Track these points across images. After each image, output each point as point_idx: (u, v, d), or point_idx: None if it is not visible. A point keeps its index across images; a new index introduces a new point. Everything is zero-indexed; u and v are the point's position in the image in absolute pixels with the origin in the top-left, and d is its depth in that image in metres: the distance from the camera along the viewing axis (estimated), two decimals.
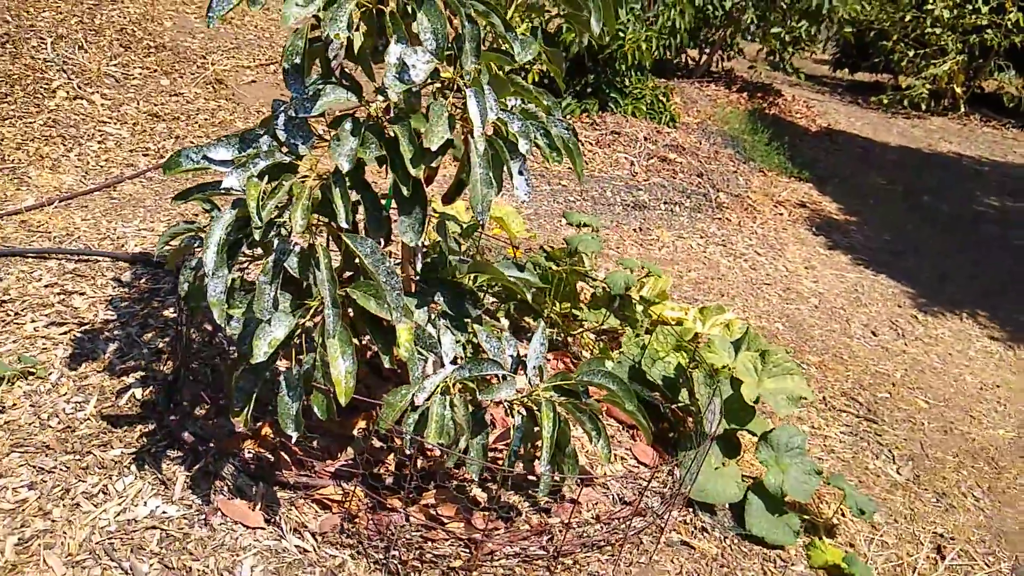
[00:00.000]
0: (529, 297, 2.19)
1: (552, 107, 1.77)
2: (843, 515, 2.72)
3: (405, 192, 1.55)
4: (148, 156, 4.14)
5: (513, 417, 1.83)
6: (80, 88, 4.64)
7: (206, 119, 4.76)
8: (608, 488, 2.17)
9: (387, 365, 1.70)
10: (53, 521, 1.77)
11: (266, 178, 1.52)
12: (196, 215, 3.47)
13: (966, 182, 8.44)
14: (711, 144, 6.97)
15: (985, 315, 4.98)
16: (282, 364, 2.17)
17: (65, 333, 2.47)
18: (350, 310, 1.71)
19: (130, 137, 4.29)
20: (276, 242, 1.54)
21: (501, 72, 1.71)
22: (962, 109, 12.42)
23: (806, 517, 2.63)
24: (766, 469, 2.48)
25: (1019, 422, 3.76)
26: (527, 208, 4.74)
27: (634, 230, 4.99)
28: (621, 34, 6.37)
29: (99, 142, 4.15)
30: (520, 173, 1.60)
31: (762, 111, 9.49)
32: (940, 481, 3.12)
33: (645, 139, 6.35)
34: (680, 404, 2.69)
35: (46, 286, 2.72)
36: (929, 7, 11.93)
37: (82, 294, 2.70)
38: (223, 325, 1.56)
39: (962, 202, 7.57)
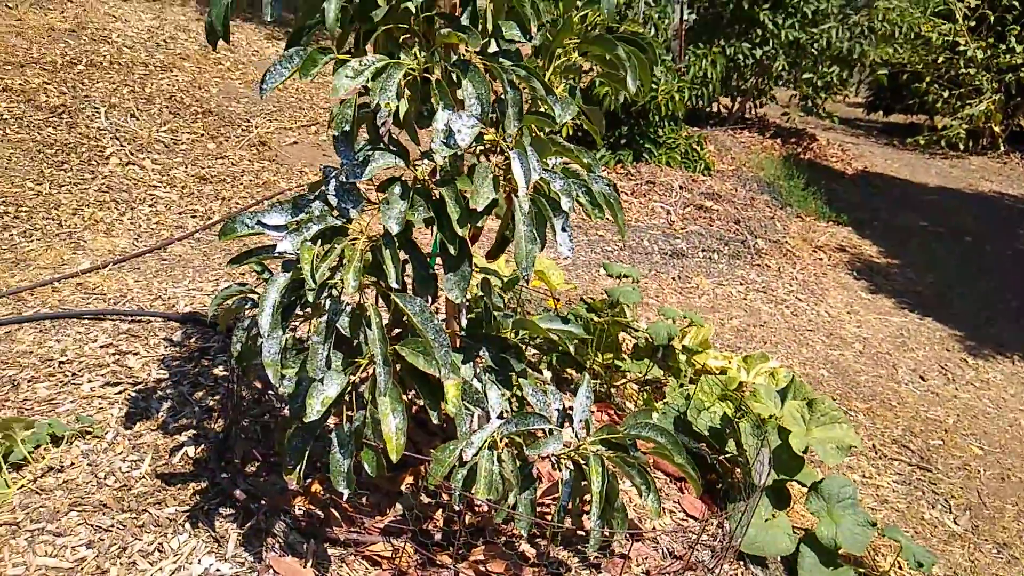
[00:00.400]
0: (571, 349, 2.21)
1: (593, 164, 1.81)
2: (900, 568, 2.64)
3: (452, 251, 1.59)
4: (196, 217, 4.28)
5: (561, 471, 1.83)
6: (132, 154, 4.83)
7: (251, 180, 4.92)
8: (658, 542, 2.15)
9: (435, 421, 1.72)
10: None
11: (319, 241, 1.57)
12: (243, 273, 3.57)
13: (1009, 221, 8.30)
14: (747, 191, 6.98)
15: None
16: (331, 421, 2.20)
17: (120, 392, 2.54)
18: (398, 366, 1.74)
19: (179, 200, 4.44)
20: (328, 303, 1.59)
21: (542, 133, 1.76)
22: (1001, 148, 12.27)
23: (862, 570, 2.56)
24: (817, 520, 2.43)
25: None
26: (566, 259, 4.77)
27: (673, 278, 4.99)
28: (654, 86, 6.47)
29: (150, 205, 4.30)
30: (564, 230, 1.64)
31: (797, 156, 9.50)
32: (1000, 531, 3.02)
33: (680, 188, 6.38)
34: (728, 455, 2.66)
35: (101, 347, 2.81)
36: (962, 48, 11.90)
37: (136, 354, 2.78)
38: (277, 385, 1.60)
39: (1005, 242, 7.44)
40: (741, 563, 2.35)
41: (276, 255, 1.61)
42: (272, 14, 1.65)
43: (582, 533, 2.04)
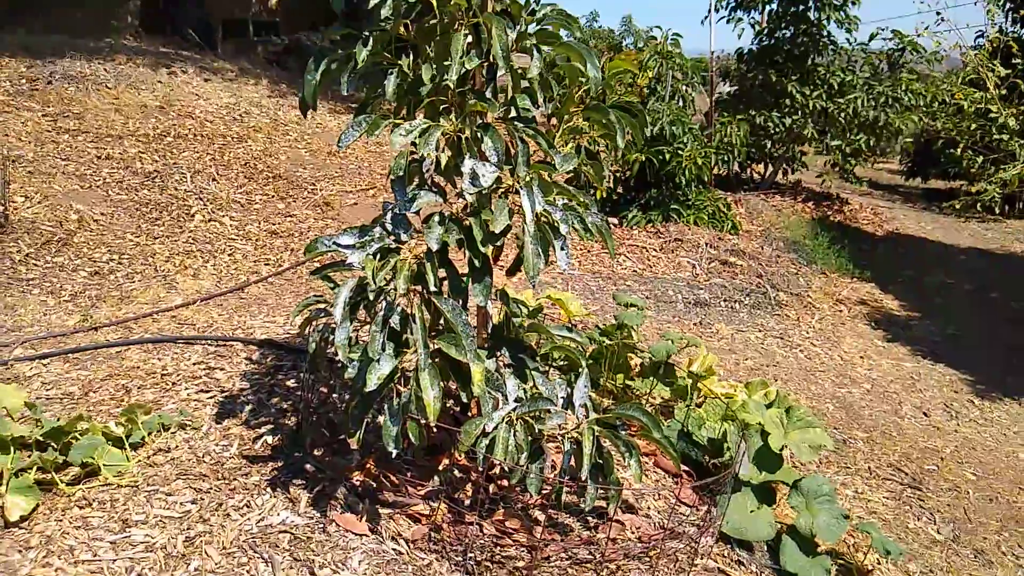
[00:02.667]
0: (584, 364, 2.67)
1: (589, 203, 2.32)
2: (879, 563, 2.97)
3: (477, 264, 2.11)
4: (268, 265, 4.91)
5: (564, 445, 2.29)
6: (213, 212, 5.53)
7: (316, 234, 5.56)
8: (650, 516, 2.56)
9: (464, 399, 2.21)
10: (210, 525, 2.30)
11: (378, 256, 2.10)
12: (321, 293, 4.14)
13: None
14: (773, 249, 7.40)
15: None
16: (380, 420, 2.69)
17: (211, 398, 3.08)
18: (436, 358, 2.24)
19: (254, 251, 5.09)
20: (384, 303, 2.11)
21: (548, 177, 2.29)
22: None
23: (841, 561, 2.91)
24: (797, 513, 2.81)
25: None
26: (595, 304, 5.25)
27: (694, 324, 5.42)
28: (680, 151, 7.01)
29: (229, 255, 4.95)
30: (562, 249, 2.14)
31: (827, 218, 9.87)
32: (980, 541, 3.32)
33: (707, 245, 6.84)
34: (722, 460, 3.06)
35: (194, 364, 3.38)
36: (994, 115, 12.23)
37: (222, 370, 3.34)
38: (347, 364, 2.11)
39: None
40: (728, 546, 2.73)
41: (346, 267, 2.14)
42: (347, 89, 2.23)
43: (585, 507, 2.48)
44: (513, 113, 2.26)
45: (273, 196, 6.08)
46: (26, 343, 3.46)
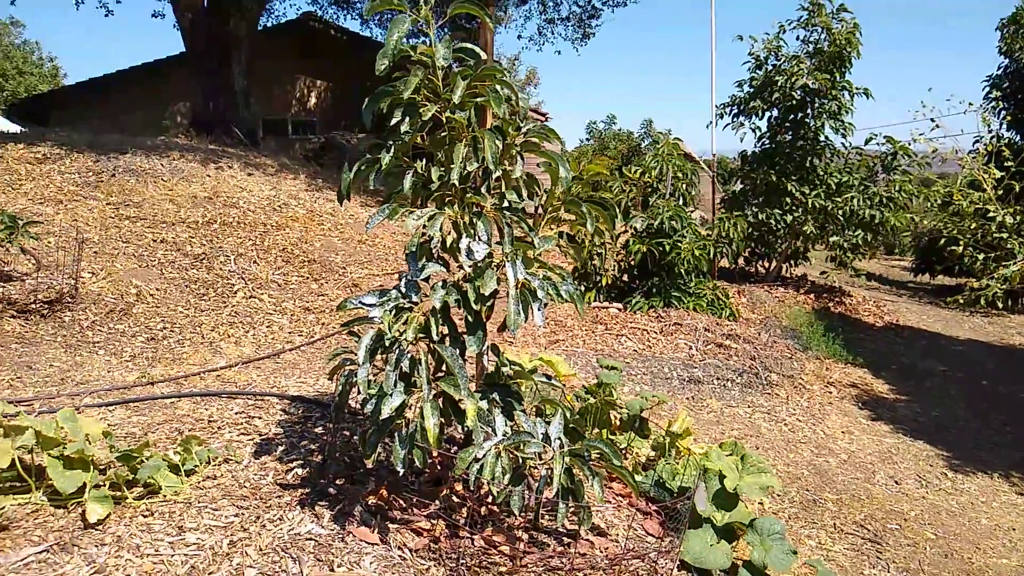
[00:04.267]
0: (560, 407, 3.18)
1: (565, 276, 2.89)
2: None
3: (471, 319, 2.67)
4: (302, 336, 5.51)
5: (540, 471, 2.78)
6: (253, 291, 6.19)
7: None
8: (618, 541, 3.01)
9: (460, 433, 2.73)
10: (250, 533, 2.80)
11: (394, 312, 2.68)
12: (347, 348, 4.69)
13: None
14: (769, 335, 7.88)
15: (1019, 476, 5.44)
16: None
17: (250, 440, 3.62)
18: (440, 398, 2.78)
19: (289, 324, 5.71)
20: (397, 350, 2.67)
21: (531, 255, 2.87)
22: None
23: None
24: (752, 548, 3.23)
25: None
26: (593, 381, 5.74)
27: (687, 399, 5.88)
28: (679, 243, 7.63)
29: (267, 327, 5.56)
30: (539, 309, 2.70)
31: (828, 309, 10.35)
32: None
33: (705, 329, 7.35)
34: (691, 506, 3.50)
35: (236, 413, 3.93)
36: (992, 214, 12.79)
37: (260, 419, 3.89)
38: (366, 397, 2.65)
39: (1021, 386, 7.99)
40: (690, 574, 3.15)
41: (368, 321, 2.72)
42: (373, 184, 2.86)
43: (561, 530, 2.94)
44: (504, 204, 2.87)
45: (308, 278, 6.75)
46: (94, 393, 4.05)
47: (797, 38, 10.98)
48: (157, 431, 3.65)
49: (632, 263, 8.05)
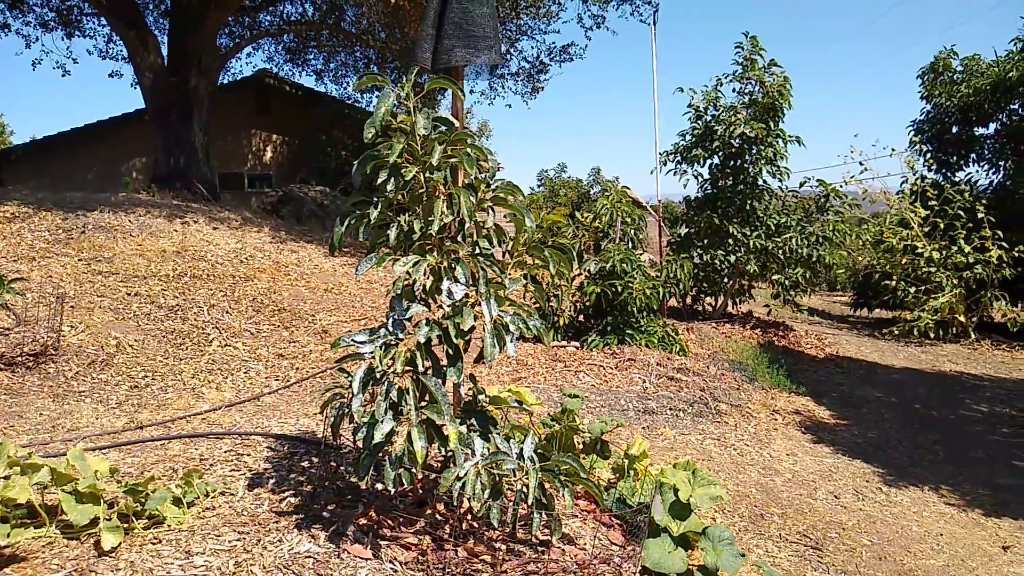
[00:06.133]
0: (530, 429, 3.53)
1: (532, 312, 3.28)
2: None
3: (451, 352, 3.03)
4: (278, 380, 5.78)
5: (516, 486, 3.13)
6: (228, 339, 6.44)
7: (316, 356, 6.46)
8: (586, 550, 3.36)
9: (437, 462, 3.06)
10: (252, 554, 3.07)
11: (383, 348, 3.03)
12: (337, 383, 4.97)
13: (961, 394, 9.44)
14: (718, 368, 8.36)
15: (948, 488, 5.94)
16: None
17: (242, 474, 3.89)
18: (424, 423, 3.12)
19: (265, 370, 5.97)
20: (387, 381, 3.01)
21: (502, 294, 3.25)
22: (972, 336, 13.55)
23: None
24: (704, 553, 3.61)
25: (952, 556, 4.68)
26: (555, 408, 6.10)
27: (643, 428, 6.28)
28: (630, 284, 8.11)
29: (244, 373, 5.82)
30: (511, 342, 3.08)
31: (772, 343, 10.91)
32: None
33: (657, 364, 7.80)
34: (647, 517, 3.87)
35: (225, 452, 4.19)
36: (919, 251, 13.65)
37: (248, 455, 4.16)
38: (359, 425, 2.98)
39: (951, 409, 8.58)
40: None
41: (358, 356, 3.06)
42: (362, 237, 3.23)
43: (535, 540, 3.28)
44: (478, 251, 3.27)
45: (279, 326, 7.02)
46: (87, 438, 4.27)
47: (733, 90, 11.77)
48: (152, 470, 3.90)
49: (587, 303, 8.50)
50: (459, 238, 3.21)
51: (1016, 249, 13.06)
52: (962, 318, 13.46)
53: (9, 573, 2.80)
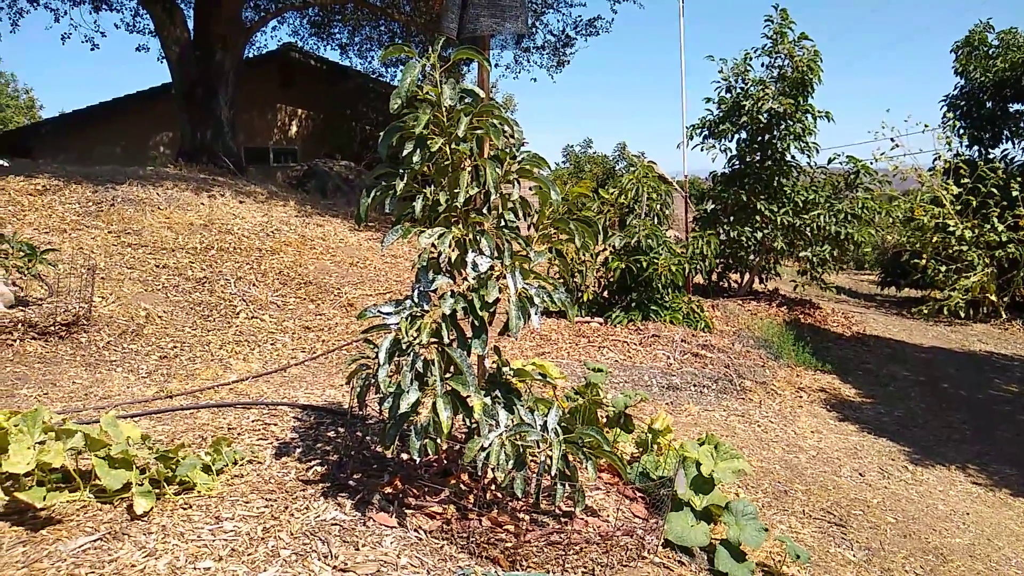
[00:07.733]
0: (554, 402, 3.55)
1: (557, 285, 3.27)
2: (797, 572, 3.74)
3: (476, 324, 3.04)
4: (304, 351, 5.84)
5: (540, 457, 3.15)
6: (255, 312, 6.51)
7: (342, 329, 6.51)
8: (609, 521, 3.38)
9: (461, 433, 3.09)
10: (280, 520, 3.13)
11: (409, 319, 3.04)
12: (364, 355, 5.02)
13: (990, 374, 9.33)
14: (743, 345, 8.31)
15: (975, 468, 5.89)
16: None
17: (269, 443, 3.95)
18: (449, 394, 3.14)
19: (291, 342, 6.03)
20: (412, 353, 3.03)
21: (527, 267, 3.25)
22: (1003, 316, 13.34)
23: (766, 568, 3.68)
24: (727, 527, 3.61)
25: (978, 535, 4.65)
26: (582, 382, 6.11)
27: (667, 403, 6.27)
28: (655, 260, 8.06)
29: (271, 344, 5.89)
30: (536, 315, 3.08)
31: (798, 321, 10.82)
32: (889, 563, 4.08)
33: (681, 340, 7.77)
34: (670, 491, 3.88)
35: (253, 421, 4.25)
36: (951, 229, 13.40)
37: (275, 425, 4.21)
38: (384, 395, 3.01)
39: (979, 388, 8.48)
40: (673, 552, 3.51)
41: (384, 327, 3.08)
42: (389, 209, 3.23)
43: (558, 511, 3.31)
44: (503, 223, 3.26)
45: (305, 299, 7.08)
46: (118, 406, 4.35)
47: (763, 64, 11.57)
48: (181, 438, 3.97)
49: (611, 279, 8.47)
50: (484, 210, 3.20)
51: None
52: (993, 297, 13.24)
53: (46, 535, 2.87)
